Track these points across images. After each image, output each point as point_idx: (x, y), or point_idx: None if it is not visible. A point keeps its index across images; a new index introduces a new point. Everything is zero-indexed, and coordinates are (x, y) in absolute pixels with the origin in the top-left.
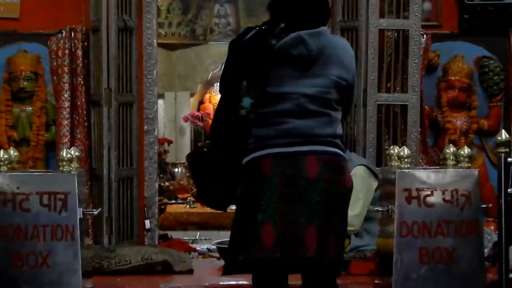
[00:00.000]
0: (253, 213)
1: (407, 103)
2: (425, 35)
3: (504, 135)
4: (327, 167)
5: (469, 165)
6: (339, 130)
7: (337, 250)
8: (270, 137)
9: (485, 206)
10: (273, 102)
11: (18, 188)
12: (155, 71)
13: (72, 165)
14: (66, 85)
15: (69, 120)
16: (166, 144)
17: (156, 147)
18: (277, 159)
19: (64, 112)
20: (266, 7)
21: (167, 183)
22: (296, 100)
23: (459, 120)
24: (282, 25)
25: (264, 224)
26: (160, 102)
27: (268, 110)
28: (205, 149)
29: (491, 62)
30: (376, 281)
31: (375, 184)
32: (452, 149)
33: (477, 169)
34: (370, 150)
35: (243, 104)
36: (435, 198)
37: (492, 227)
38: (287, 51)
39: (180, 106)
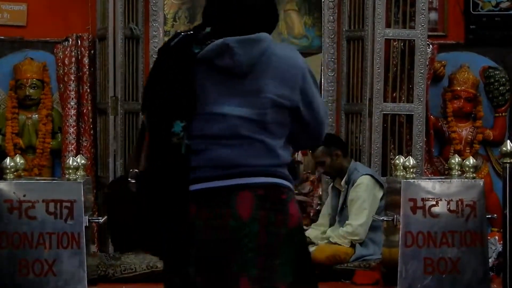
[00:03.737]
0: (182, 264)
1: (413, 113)
2: (431, 45)
3: (509, 145)
4: (263, 203)
5: (474, 175)
6: (284, 158)
7: None
8: (196, 169)
9: (490, 216)
10: (200, 125)
11: (24, 195)
12: None
13: (78, 173)
14: (72, 92)
15: (75, 127)
16: None
17: None
18: (200, 198)
19: (70, 120)
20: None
21: None
22: (225, 122)
23: (464, 130)
24: (208, 29)
25: (194, 277)
26: None
27: (194, 134)
28: (130, 179)
29: (497, 72)
30: None
31: (380, 193)
32: (457, 159)
33: (483, 180)
34: (376, 159)
35: (174, 130)
36: (440, 208)
37: (497, 237)
38: (210, 61)
39: None
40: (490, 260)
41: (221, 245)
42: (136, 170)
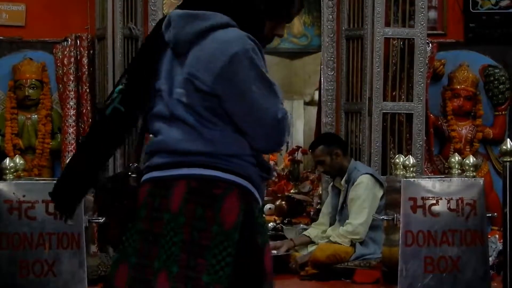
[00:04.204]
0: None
1: (413, 112)
2: (430, 44)
3: (509, 144)
4: (192, 196)
5: (474, 174)
6: (228, 149)
7: None
8: (150, 154)
9: (490, 215)
10: (154, 102)
11: (24, 196)
12: None
13: None
14: (72, 93)
15: (75, 128)
16: None
17: None
18: (151, 186)
19: (69, 120)
20: None
21: None
22: (165, 99)
23: (464, 129)
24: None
25: (119, 266)
26: None
27: (150, 114)
28: (130, 174)
29: (497, 71)
30: None
31: (380, 192)
32: (457, 158)
33: (483, 178)
34: (375, 158)
35: (113, 95)
36: (440, 207)
37: (497, 236)
38: (164, 35)
39: None
40: (490, 258)
41: (152, 238)
42: (136, 164)
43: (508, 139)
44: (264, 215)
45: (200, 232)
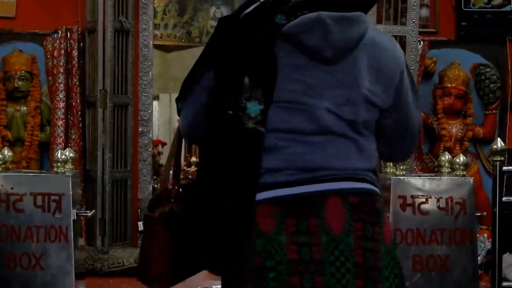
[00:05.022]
0: None
1: None
2: (422, 42)
3: (499, 143)
4: (357, 213)
5: (464, 173)
6: (375, 162)
7: None
8: (271, 170)
9: (479, 214)
10: (276, 115)
11: (12, 188)
12: (150, 73)
13: (67, 166)
14: (61, 85)
15: (64, 120)
16: (160, 146)
17: (150, 149)
18: (282, 207)
19: (58, 113)
20: None
21: None
22: (310, 114)
23: (454, 128)
24: None
25: None
26: (155, 103)
27: (269, 127)
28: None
29: (488, 70)
30: None
31: None
32: (447, 156)
33: (472, 177)
34: None
35: (249, 112)
36: (430, 206)
37: (486, 235)
38: (298, 37)
39: (175, 108)
40: (479, 258)
41: (313, 267)
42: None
43: (499, 139)
44: None
45: (371, 253)
